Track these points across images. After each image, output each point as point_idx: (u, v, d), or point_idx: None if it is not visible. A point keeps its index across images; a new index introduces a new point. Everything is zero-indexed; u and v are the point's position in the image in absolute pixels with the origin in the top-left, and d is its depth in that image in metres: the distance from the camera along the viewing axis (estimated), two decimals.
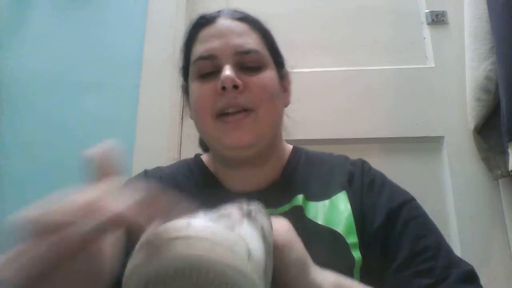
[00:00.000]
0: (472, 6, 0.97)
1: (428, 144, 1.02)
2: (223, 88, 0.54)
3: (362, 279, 0.51)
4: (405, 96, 1.04)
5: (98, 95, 1.08)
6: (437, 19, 1.10)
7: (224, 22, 0.60)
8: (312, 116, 1.02)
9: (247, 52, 0.57)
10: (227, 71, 0.54)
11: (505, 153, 0.87)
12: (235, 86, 0.54)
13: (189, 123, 1.07)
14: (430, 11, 1.10)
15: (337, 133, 1.03)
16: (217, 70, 0.56)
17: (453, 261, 0.51)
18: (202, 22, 0.61)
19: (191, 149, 1.04)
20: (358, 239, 0.53)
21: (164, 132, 1.03)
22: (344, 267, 0.50)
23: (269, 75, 0.59)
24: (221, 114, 0.55)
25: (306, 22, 1.14)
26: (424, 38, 1.11)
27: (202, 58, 0.58)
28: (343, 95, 1.05)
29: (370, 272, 0.52)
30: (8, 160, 1.04)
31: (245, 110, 0.55)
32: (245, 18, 0.61)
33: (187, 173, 0.64)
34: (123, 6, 1.15)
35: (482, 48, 0.92)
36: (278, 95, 0.60)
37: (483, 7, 0.92)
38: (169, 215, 0.29)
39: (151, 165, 0.68)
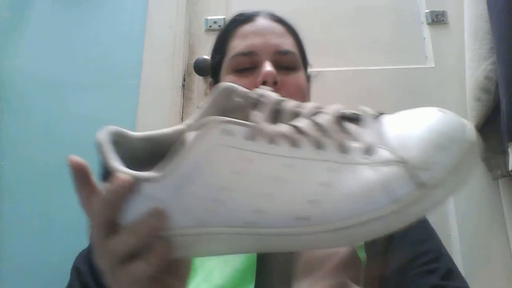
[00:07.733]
0: (472, 6, 0.97)
1: None
2: (264, 83, 0.55)
3: (366, 281, 0.51)
4: (405, 96, 1.04)
5: (98, 95, 1.08)
6: (437, 19, 1.10)
7: (263, 21, 0.62)
8: None
9: (285, 52, 0.59)
10: (269, 67, 0.56)
11: (505, 153, 0.87)
12: (275, 82, 0.55)
13: None
14: (430, 11, 1.10)
15: None
16: (255, 66, 0.58)
17: (454, 269, 0.51)
18: (241, 19, 0.63)
19: None
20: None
21: None
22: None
23: (302, 76, 0.61)
24: None
25: (306, 22, 1.13)
26: (424, 38, 1.10)
27: (241, 54, 0.59)
28: (343, 95, 1.05)
29: (372, 273, 0.52)
30: (7, 161, 1.04)
31: None
32: (282, 21, 0.65)
33: None
34: (123, 6, 1.15)
35: (482, 48, 0.92)
36: (307, 96, 0.63)
37: (483, 7, 0.92)
38: None
39: None
